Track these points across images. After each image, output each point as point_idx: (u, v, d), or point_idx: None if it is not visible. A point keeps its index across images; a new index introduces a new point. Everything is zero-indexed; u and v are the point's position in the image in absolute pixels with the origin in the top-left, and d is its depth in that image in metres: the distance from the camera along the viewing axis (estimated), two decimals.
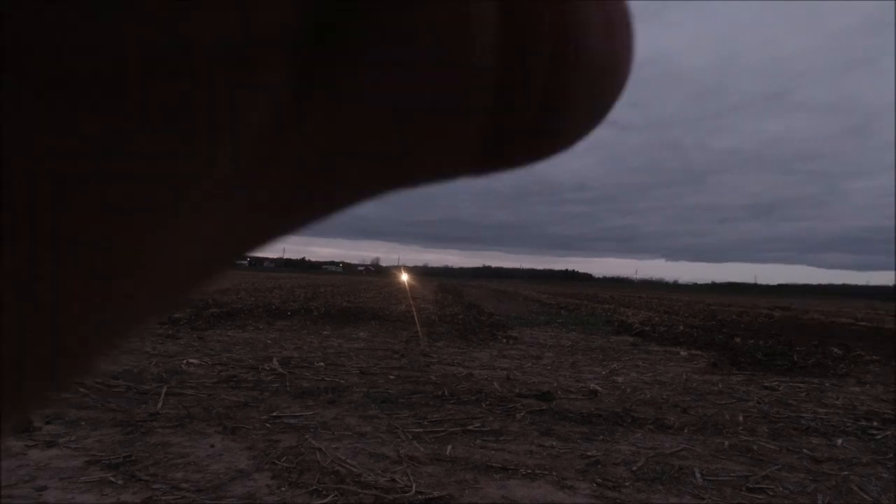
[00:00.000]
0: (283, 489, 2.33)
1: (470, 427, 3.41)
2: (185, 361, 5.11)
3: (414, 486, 2.39)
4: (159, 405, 3.52)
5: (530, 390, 4.52)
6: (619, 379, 5.30)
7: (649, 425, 3.64)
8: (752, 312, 19.58)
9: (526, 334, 9.26)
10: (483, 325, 10.28)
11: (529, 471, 2.68)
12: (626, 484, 2.59)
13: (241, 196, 0.13)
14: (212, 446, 2.83)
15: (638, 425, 3.64)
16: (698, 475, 2.73)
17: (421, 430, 3.30)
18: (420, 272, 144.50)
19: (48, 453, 2.61)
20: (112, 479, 2.35)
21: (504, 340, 8.10)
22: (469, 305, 16.84)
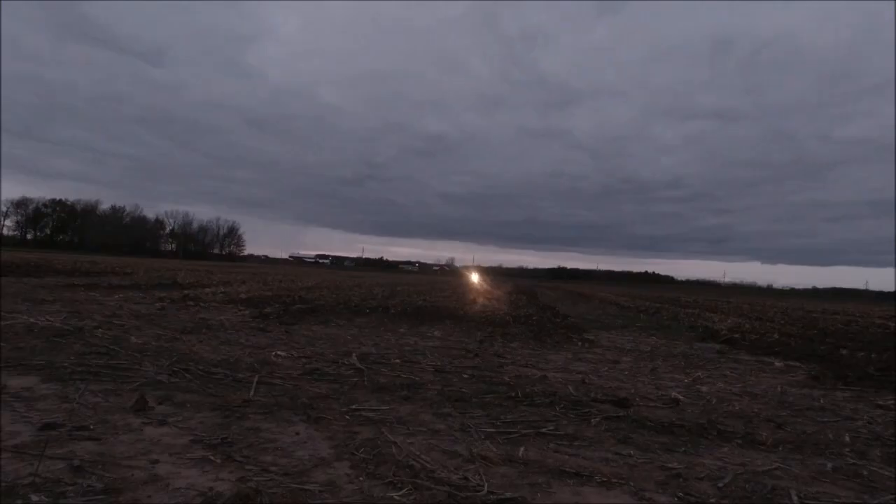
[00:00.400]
0: (361, 479, 2.45)
1: (543, 430, 3.37)
2: (273, 353, 5.49)
3: (486, 486, 2.41)
4: (251, 393, 3.81)
5: (607, 396, 4.39)
6: (704, 388, 5.00)
7: (738, 440, 3.41)
8: (862, 321, 17.60)
9: (602, 338, 8.96)
10: (558, 327, 10.08)
11: (605, 479, 2.61)
12: (711, 501, 2.44)
13: None
14: (297, 434, 3.02)
15: (725, 439, 3.42)
16: (795, 498, 2.52)
17: (494, 430, 3.31)
18: (494, 273, 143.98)
19: (160, 430, 2.92)
20: (211, 457, 2.58)
21: (579, 343, 7.90)
22: (543, 307, 16.56)
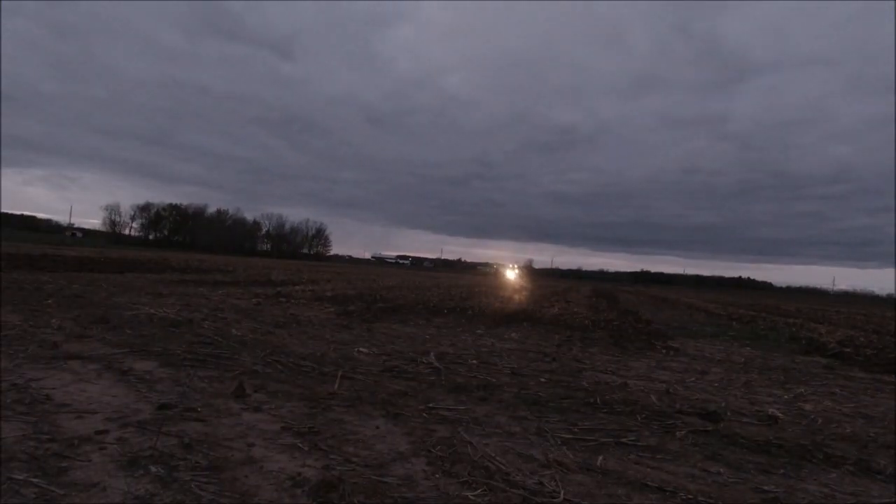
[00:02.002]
0: (437, 476, 2.51)
1: (624, 440, 3.25)
2: (356, 350, 5.76)
3: (562, 493, 2.38)
4: (336, 386, 4.03)
5: (693, 408, 4.14)
6: (808, 407, 4.55)
7: (848, 466, 3.08)
8: None
9: (689, 346, 8.44)
10: (640, 333, 9.62)
11: (691, 496, 2.47)
12: None
13: None
14: (377, 428, 3.16)
15: (833, 464, 3.10)
16: None
17: (571, 436, 3.25)
18: (573, 276, 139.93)
19: (255, 416, 3.18)
20: (300, 445, 2.77)
21: (664, 351, 7.49)
22: (624, 311, 15.88)
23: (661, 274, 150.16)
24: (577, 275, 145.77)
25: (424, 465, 2.62)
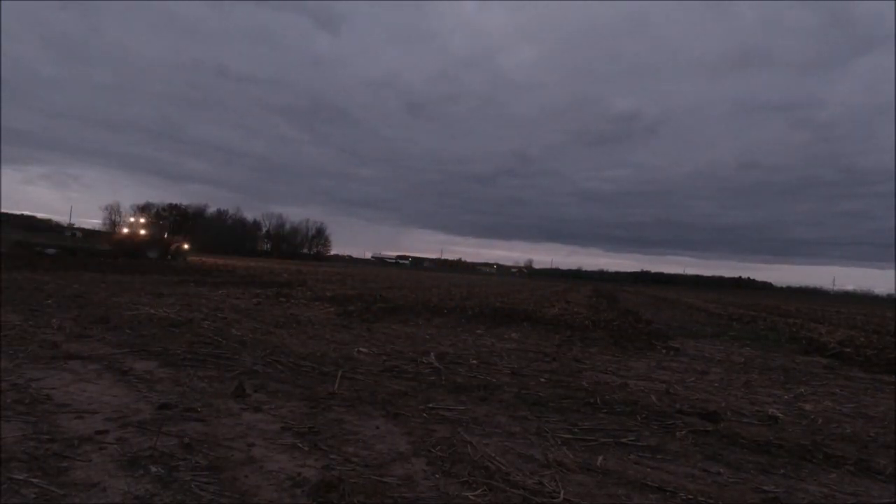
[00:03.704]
0: (437, 476, 2.51)
1: (623, 440, 3.25)
2: (356, 350, 5.75)
3: (562, 493, 2.38)
4: (336, 386, 4.03)
5: (693, 408, 4.14)
6: (808, 407, 4.55)
7: (849, 466, 3.08)
8: None
9: (689, 346, 8.44)
10: (640, 333, 9.62)
11: (690, 496, 2.47)
12: None
13: None
14: (377, 428, 3.16)
15: (833, 464, 3.10)
16: None
17: (571, 436, 3.25)
18: (574, 276, 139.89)
19: (255, 416, 3.18)
20: (300, 445, 2.77)
21: (664, 351, 7.49)
22: (625, 311, 15.88)
23: (662, 274, 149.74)
24: (577, 275, 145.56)
25: (424, 465, 2.62)
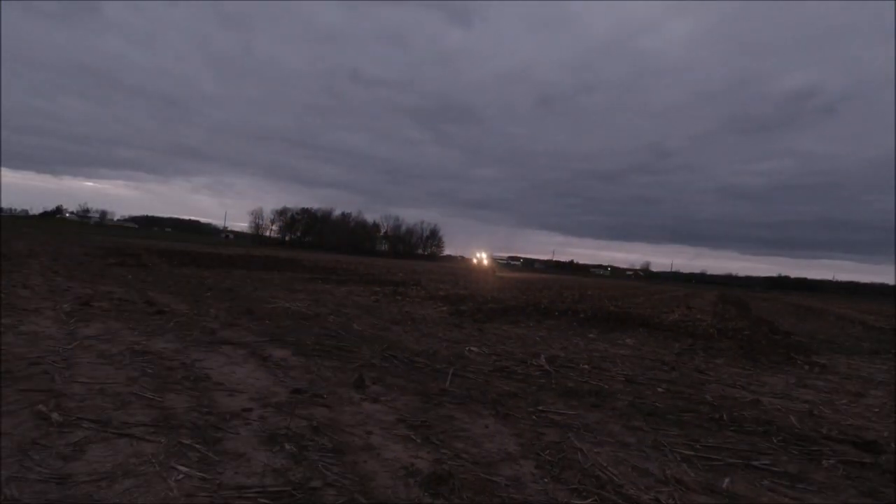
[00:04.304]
0: (546, 480, 2.50)
1: (755, 462, 2.95)
2: (467, 349, 5.89)
3: None
4: (447, 383, 4.17)
5: (845, 435, 3.61)
6: None
7: None
8: None
9: (840, 363, 7.32)
10: (777, 345, 8.57)
11: None
12: None
13: None
14: (486, 427, 3.22)
15: None
16: None
17: (692, 453, 3.03)
18: (696, 280, 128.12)
19: (374, 407, 3.41)
20: (413, 437, 2.93)
21: (806, 367, 6.60)
22: (757, 320, 14.23)
23: (804, 280, 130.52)
24: (701, 279, 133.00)
25: (533, 468, 2.62)
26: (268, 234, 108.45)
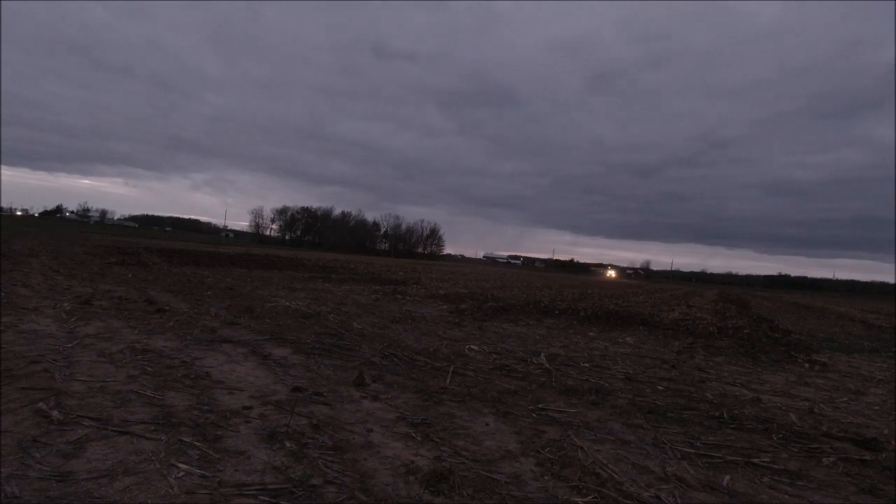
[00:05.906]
0: (546, 478, 2.50)
1: (755, 460, 2.95)
2: (467, 347, 5.89)
3: None
4: (447, 381, 4.17)
5: (845, 432, 3.61)
6: None
7: None
8: None
9: (840, 361, 7.33)
10: (777, 343, 8.58)
11: None
12: None
13: None
14: (486, 424, 3.22)
15: None
16: None
17: (692, 450, 3.03)
18: (696, 278, 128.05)
19: (374, 405, 3.41)
20: (413, 434, 2.93)
21: (806, 365, 6.60)
22: (758, 319, 14.24)
23: (804, 278, 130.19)
24: (701, 277, 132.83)
25: (533, 466, 2.63)
26: (268, 233, 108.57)
